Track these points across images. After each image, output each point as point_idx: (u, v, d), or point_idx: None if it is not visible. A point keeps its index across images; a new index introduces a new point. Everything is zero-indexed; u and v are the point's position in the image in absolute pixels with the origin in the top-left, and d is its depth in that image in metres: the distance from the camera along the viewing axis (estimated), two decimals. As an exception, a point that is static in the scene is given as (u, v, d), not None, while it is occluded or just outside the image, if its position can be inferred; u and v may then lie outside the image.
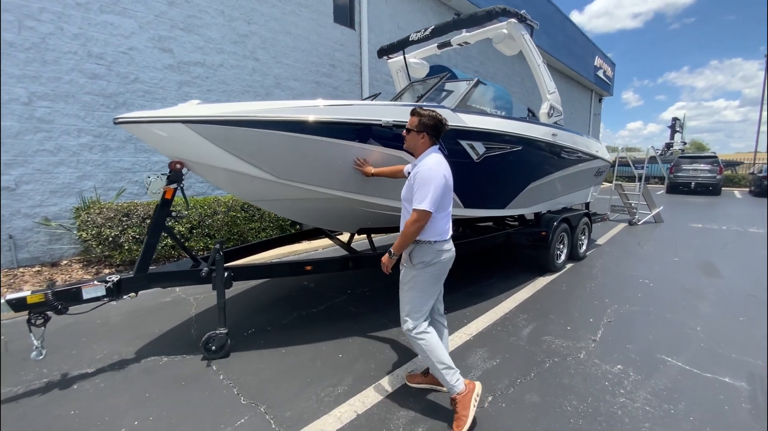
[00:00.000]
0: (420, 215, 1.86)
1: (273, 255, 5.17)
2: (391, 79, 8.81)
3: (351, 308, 3.52)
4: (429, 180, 1.86)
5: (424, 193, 1.85)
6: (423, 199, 1.85)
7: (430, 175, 1.87)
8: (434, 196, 1.85)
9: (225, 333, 2.59)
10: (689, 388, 2.27)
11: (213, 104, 2.50)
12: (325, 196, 2.79)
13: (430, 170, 1.89)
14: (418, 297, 2.02)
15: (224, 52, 6.01)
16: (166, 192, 2.53)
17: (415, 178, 1.92)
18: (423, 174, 1.89)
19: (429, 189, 1.85)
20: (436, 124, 2.01)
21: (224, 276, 2.55)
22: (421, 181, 1.88)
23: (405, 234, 1.91)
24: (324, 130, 2.52)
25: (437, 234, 1.97)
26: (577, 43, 17.07)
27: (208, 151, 2.45)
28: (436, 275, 2.02)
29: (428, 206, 1.84)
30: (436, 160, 1.95)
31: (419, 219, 1.86)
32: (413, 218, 1.87)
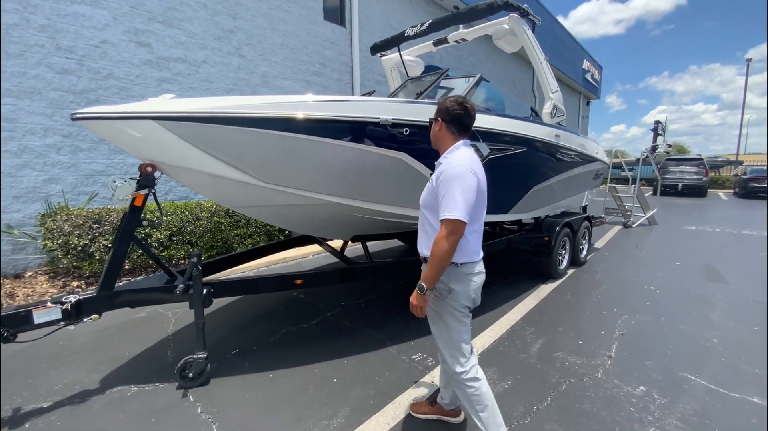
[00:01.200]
0: (452, 226, 1.43)
1: (259, 265, 4.86)
2: (383, 79, 8.59)
3: (345, 323, 3.24)
4: (456, 179, 1.45)
5: (454, 196, 1.44)
6: (453, 205, 1.43)
7: (458, 173, 1.46)
8: (467, 200, 1.44)
9: (204, 357, 2.29)
10: (719, 412, 2.07)
11: (189, 99, 2.21)
12: (318, 201, 2.51)
13: (459, 167, 1.48)
14: (451, 333, 1.63)
15: (207, 48, 5.68)
16: (135, 198, 2.22)
17: (440, 178, 1.51)
18: (449, 173, 1.49)
19: (458, 190, 1.44)
20: (454, 111, 1.61)
21: (203, 293, 2.25)
22: (447, 182, 1.47)
23: (437, 256, 1.45)
24: (316, 128, 2.25)
25: (465, 255, 1.56)
26: (566, 46, 17.16)
27: (183, 152, 2.15)
28: (466, 304, 1.62)
29: (461, 214, 1.42)
30: (464, 155, 1.56)
31: (453, 232, 1.43)
32: (443, 232, 1.44)
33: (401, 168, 2.54)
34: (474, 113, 1.64)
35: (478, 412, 1.63)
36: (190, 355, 2.29)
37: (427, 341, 2.89)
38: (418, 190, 2.81)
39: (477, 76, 3.19)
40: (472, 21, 3.64)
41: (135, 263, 4.25)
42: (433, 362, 2.58)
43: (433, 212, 1.58)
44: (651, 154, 9.35)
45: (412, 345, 2.84)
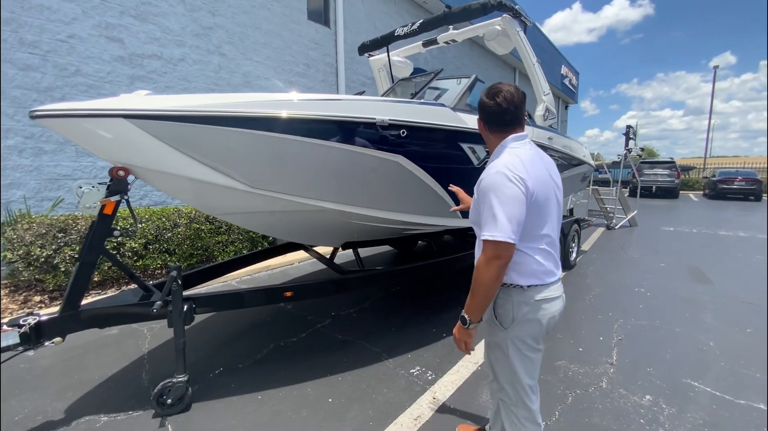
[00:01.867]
0: (495, 250, 1.17)
1: (242, 274, 4.61)
2: (369, 81, 8.48)
3: (337, 335, 3.06)
4: (492, 190, 1.20)
5: (492, 212, 1.18)
6: (493, 223, 1.17)
7: (493, 183, 1.21)
8: (510, 215, 1.17)
9: (184, 380, 2.07)
10: (728, 420, 2.02)
11: (166, 96, 2.00)
12: (309, 207, 2.34)
13: (495, 174, 1.21)
14: (515, 370, 1.34)
15: (185, 45, 5.40)
16: (105, 206, 1.99)
17: (479, 188, 1.28)
18: (484, 183, 1.24)
19: (496, 205, 1.18)
20: (486, 106, 1.33)
21: (183, 309, 2.04)
22: (483, 195, 1.23)
23: (479, 284, 1.21)
24: (308, 128, 2.09)
25: (532, 276, 1.28)
26: (546, 52, 17.56)
27: (160, 155, 1.95)
28: (535, 337, 1.33)
29: (505, 233, 1.15)
30: (505, 158, 1.26)
31: (498, 256, 1.17)
32: (485, 255, 1.20)
33: (398, 171, 2.41)
34: (511, 99, 1.30)
35: None
36: (168, 379, 2.07)
37: (425, 353, 2.76)
38: (416, 195, 2.72)
39: (473, 77, 3.10)
40: (465, 21, 3.56)
41: (106, 274, 3.93)
42: (433, 376, 2.44)
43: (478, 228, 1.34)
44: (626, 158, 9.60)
45: (410, 357, 2.69)
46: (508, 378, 1.38)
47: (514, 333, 1.32)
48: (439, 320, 3.34)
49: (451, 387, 2.32)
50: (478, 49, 13.12)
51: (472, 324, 1.28)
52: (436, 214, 2.89)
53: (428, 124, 2.48)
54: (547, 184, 1.29)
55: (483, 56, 13.66)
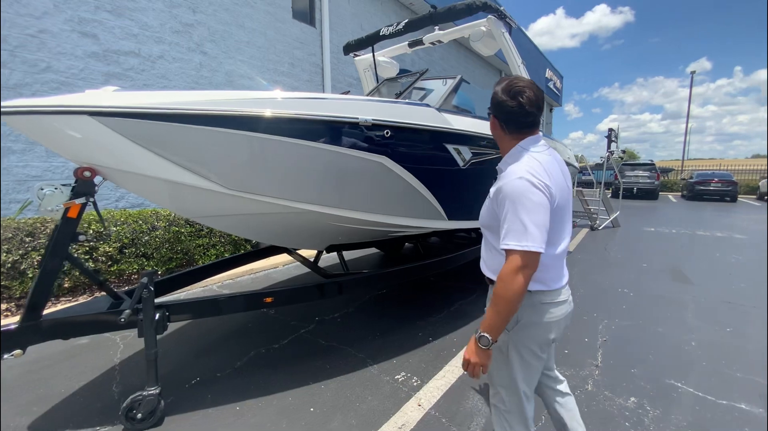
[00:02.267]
0: (523, 260, 1.10)
1: (224, 278, 4.48)
2: (356, 81, 8.41)
3: (321, 340, 2.98)
4: (518, 197, 1.13)
5: (519, 220, 1.11)
6: (522, 232, 1.10)
7: (518, 189, 1.14)
8: (537, 222, 1.11)
9: (156, 393, 1.96)
10: (712, 422, 2.02)
11: (137, 92, 1.90)
12: (290, 210, 2.26)
13: (519, 180, 1.14)
14: (514, 375, 1.30)
15: (164, 42, 5.23)
16: (70, 209, 1.87)
17: (499, 195, 1.19)
18: (507, 189, 1.16)
19: (522, 212, 1.11)
20: (504, 105, 1.23)
21: (155, 318, 1.93)
22: (507, 201, 1.15)
23: (504, 297, 1.12)
24: (288, 128, 2.02)
25: (539, 282, 1.24)
26: (531, 55, 17.82)
27: (130, 155, 1.84)
28: (539, 342, 1.28)
29: (534, 242, 1.09)
30: (527, 162, 1.20)
31: (524, 266, 1.10)
32: (510, 266, 1.11)
33: (382, 173, 2.35)
34: (534, 101, 1.21)
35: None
36: (139, 392, 1.96)
37: (411, 358, 2.70)
38: (401, 197, 2.67)
39: (458, 77, 3.07)
40: (450, 21, 3.53)
41: (77, 280, 3.75)
42: (419, 382, 2.39)
43: (494, 234, 1.28)
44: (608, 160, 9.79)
45: (395, 363, 2.63)
46: (505, 383, 1.33)
47: (517, 337, 1.28)
48: (425, 323, 3.29)
49: (437, 393, 2.27)
50: (464, 51, 13.21)
51: (492, 342, 1.16)
52: (422, 216, 2.85)
53: (413, 124, 2.43)
54: (564, 190, 1.25)
55: (469, 58, 13.76)
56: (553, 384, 1.56)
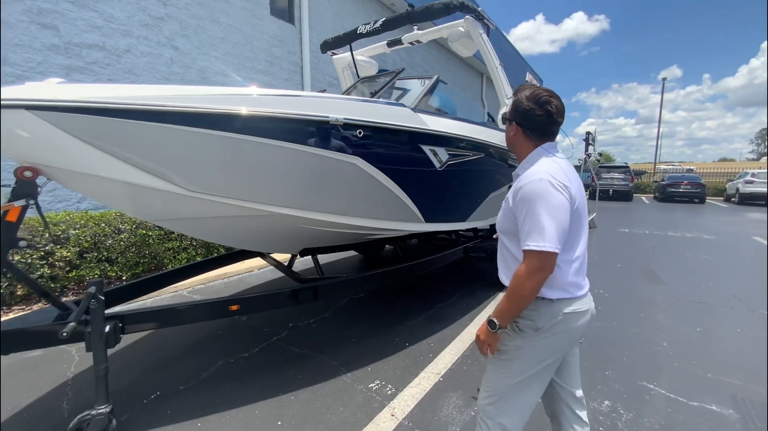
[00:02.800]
0: (540, 260, 1.12)
1: (195, 282, 4.30)
2: (336, 81, 8.29)
3: (293, 348, 2.87)
4: (539, 197, 1.14)
5: (538, 221, 1.13)
6: (539, 233, 1.12)
7: (539, 189, 1.15)
8: (556, 224, 1.12)
9: (107, 411, 1.81)
10: (684, 424, 2.02)
11: (85, 84, 1.75)
12: (258, 213, 2.15)
13: (542, 182, 1.15)
14: (510, 380, 1.27)
15: (132, 36, 4.99)
16: (8, 212, 1.70)
17: (519, 196, 1.19)
18: (527, 190, 1.17)
19: (542, 213, 1.13)
20: (532, 114, 1.24)
21: (104, 330, 1.78)
22: (527, 202, 1.16)
23: (518, 294, 1.16)
24: (256, 127, 1.91)
25: (560, 289, 1.23)
26: (512, 58, 18.09)
27: (74, 153, 1.69)
28: (552, 351, 1.26)
29: (551, 243, 1.11)
30: (546, 165, 1.21)
31: (541, 268, 1.13)
32: (528, 266, 1.13)
33: (355, 174, 2.27)
34: (559, 110, 1.25)
35: None
36: (87, 410, 1.80)
37: (386, 365, 2.62)
38: (376, 199, 2.59)
39: (434, 77, 3.02)
40: (427, 21, 3.49)
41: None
42: (393, 390, 2.31)
43: (513, 238, 1.27)
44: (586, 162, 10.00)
45: (369, 370, 2.55)
46: (502, 397, 1.29)
47: (534, 344, 1.25)
48: (402, 328, 3.22)
49: (411, 401, 2.20)
50: (446, 53, 13.28)
51: (500, 328, 1.22)
52: (397, 218, 2.78)
53: (386, 124, 2.36)
54: (582, 193, 1.25)
55: (451, 60, 13.85)
56: (574, 406, 1.42)
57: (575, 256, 1.25)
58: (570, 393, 1.42)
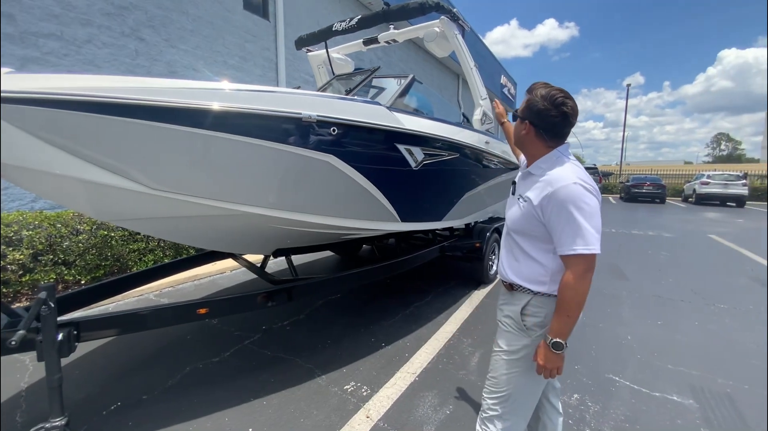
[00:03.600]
0: (588, 263, 1.14)
1: (166, 284, 4.11)
2: (311, 78, 8.16)
3: (266, 351, 2.79)
4: (578, 202, 1.14)
5: (581, 225, 1.13)
6: (582, 237, 1.13)
7: (577, 194, 1.15)
8: (595, 226, 1.15)
9: (62, 424, 1.68)
10: (647, 414, 2.12)
11: (41, 74, 1.62)
12: (227, 212, 2.07)
13: (575, 186, 1.16)
14: (525, 380, 1.31)
15: (92, 25, 4.70)
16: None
17: (553, 200, 1.17)
18: (564, 194, 1.15)
19: (583, 217, 1.14)
20: (548, 116, 1.22)
21: (57, 339, 1.66)
22: (564, 206, 1.15)
23: (575, 302, 1.16)
24: (226, 123, 1.83)
25: None
26: (487, 61, 18.46)
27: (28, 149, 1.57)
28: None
29: (596, 245, 1.14)
30: (572, 168, 1.21)
31: (588, 269, 1.15)
32: (578, 270, 1.14)
33: (329, 172, 2.22)
34: (574, 111, 1.23)
35: None
36: (41, 424, 1.67)
37: (361, 366, 2.60)
38: (351, 198, 2.55)
39: (410, 76, 3.01)
40: (403, 20, 3.48)
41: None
42: (368, 391, 2.29)
43: (529, 239, 1.28)
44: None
45: (345, 372, 2.51)
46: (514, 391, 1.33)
47: (539, 342, 1.28)
48: (379, 328, 3.20)
49: (387, 402, 2.18)
50: (423, 53, 13.38)
51: (566, 347, 1.21)
52: (373, 218, 2.75)
53: (361, 122, 2.33)
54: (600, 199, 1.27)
55: (428, 61, 13.96)
56: (551, 396, 1.53)
57: None
58: (550, 384, 1.49)
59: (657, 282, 4.68)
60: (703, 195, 15.72)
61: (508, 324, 1.37)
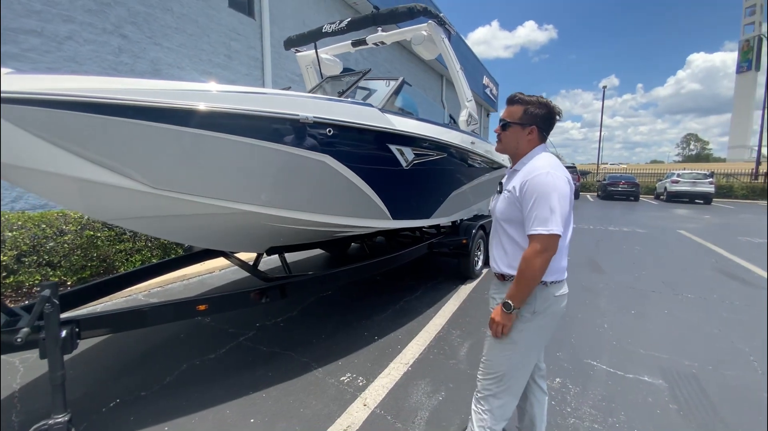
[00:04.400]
0: (548, 242, 1.28)
1: (151, 285, 4.08)
2: (298, 78, 8.17)
3: (262, 347, 2.85)
4: (551, 188, 1.29)
5: (547, 208, 1.28)
6: (547, 218, 1.27)
7: (552, 182, 1.30)
8: (561, 212, 1.29)
9: (65, 421, 1.71)
10: (621, 394, 2.30)
11: (41, 74, 1.64)
12: (225, 210, 2.12)
13: (549, 175, 1.31)
14: (517, 361, 1.44)
15: (74, 22, 4.61)
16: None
17: (527, 186, 1.33)
18: (541, 180, 1.31)
19: (553, 202, 1.28)
20: (550, 115, 1.44)
21: (60, 336, 1.68)
22: (538, 190, 1.30)
23: (528, 276, 1.30)
24: (224, 123, 1.89)
25: (554, 272, 1.39)
26: (470, 62, 18.80)
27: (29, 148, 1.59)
28: (546, 330, 1.46)
29: (558, 227, 1.27)
30: (550, 161, 1.38)
31: (548, 248, 1.28)
32: (535, 248, 1.28)
33: (325, 172, 2.31)
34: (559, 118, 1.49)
35: None
36: (43, 421, 1.69)
37: (356, 358, 2.69)
38: (345, 196, 2.64)
39: (400, 79, 3.12)
40: (392, 23, 3.59)
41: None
42: (364, 382, 2.39)
43: (515, 226, 1.41)
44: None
45: (340, 364, 2.60)
46: (507, 371, 1.44)
47: (532, 326, 1.41)
48: (371, 323, 3.30)
49: (382, 391, 2.29)
50: (407, 54, 13.53)
51: (515, 309, 1.35)
52: (366, 216, 2.85)
53: (356, 123, 2.42)
54: (572, 187, 1.40)
55: (412, 61, 14.12)
56: (537, 377, 1.66)
57: (566, 243, 1.42)
58: (536, 367, 1.63)
59: (631, 274, 4.96)
60: (674, 193, 16.49)
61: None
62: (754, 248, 6.72)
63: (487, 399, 1.48)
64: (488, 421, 1.46)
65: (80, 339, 1.86)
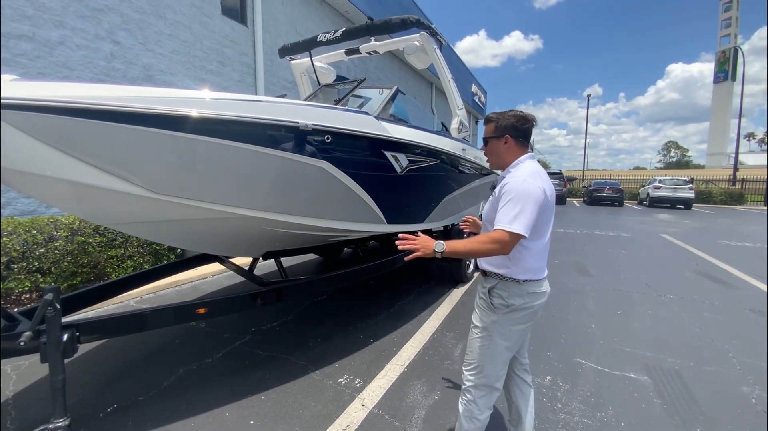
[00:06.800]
0: (504, 237, 1.36)
1: (143, 292, 4.06)
2: (290, 84, 8.24)
3: (259, 351, 2.87)
4: (522, 193, 1.39)
5: (514, 209, 1.37)
6: (512, 218, 1.36)
7: (525, 187, 1.40)
8: (529, 216, 1.37)
9: (65, 425, 1.71)
10: (609, 390, 2.39)
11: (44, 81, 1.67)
12: (226, 215, 2.16)
13: (525, 182, 1.41)
14: (492, 352, 1.54)
15: (66, 27, 4.59)
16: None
17: (504, 190, 1.44)
18: (514, 185, 1.41)
19: (521, 205, 1.37)
20: (518, 122, 1.55)
21: (62, 340, 1.70)
22: (511, 194, 1.40)
23: (473, 248, 1.41)
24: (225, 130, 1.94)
25: (528, 272, 1.50)
26: (459, 70, 19.15)
27: (32, 153, 1.61)
28: (519, 324, 1.54)
29: (521, 228, 1.35)
30: (532, 169, 1.48)
31: (500, 242, 1.36)
32: (493, 236, 1.38)
33: (324, 177, 2.37)
34: (531, 122, 1.59)
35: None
36: (43, 425, 1.69)
37: (353, 360, 2.74)
38: (342, 201, 2.70)
39: (394, 87, 3.21)
40: (385, 34, 3.69)
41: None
42: (361, 383, 2.43)
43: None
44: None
45: (337, 367, 2.64)
46: (480, 365, 1.56)
47: (505, 320, 1.52)
48: (366, 326, 3.35)
49: (380, 391, 2.34)
50: (398, 62, 13.73)
51: (438, 253, 1.45)
52: (363, 220, 2.91)
53: (353, 130, 2.49)
54: (552, 196, 1.51)
55: (403, 69, 14.33)
56: (519, 371, 1.75)
57: (542, 245, 1.52)
58: (518, 361, 1.74)
59: (617, 277, 5.12)
60: (656, 198, 17.00)
61: (480, 304, 1.61)
62: (732, 251, 6.99)
63: (469, 390, 1.60)
64: (473, 410, 1.57)
65: (80, 344, 1.87)
